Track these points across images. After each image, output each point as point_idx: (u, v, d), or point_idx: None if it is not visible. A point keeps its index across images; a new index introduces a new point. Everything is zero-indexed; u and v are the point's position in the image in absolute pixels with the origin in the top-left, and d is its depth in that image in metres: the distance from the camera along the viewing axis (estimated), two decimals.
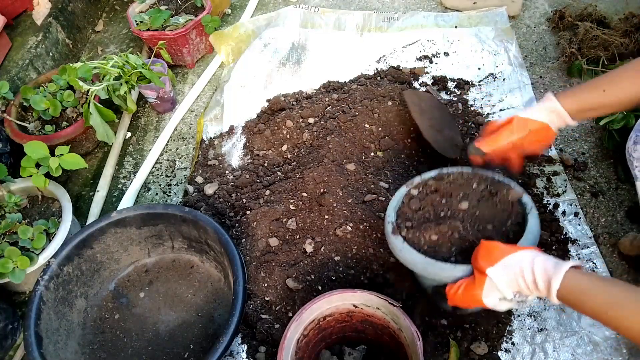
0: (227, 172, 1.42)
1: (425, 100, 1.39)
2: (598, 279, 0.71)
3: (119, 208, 1.38)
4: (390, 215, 0.98)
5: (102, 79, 1.38)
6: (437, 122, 1.34)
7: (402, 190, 1.03)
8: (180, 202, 1.40)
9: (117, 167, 1.53)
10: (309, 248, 1.16)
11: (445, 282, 0.86)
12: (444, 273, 0.85)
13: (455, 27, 1.74)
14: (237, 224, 1.26)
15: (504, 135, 0.94)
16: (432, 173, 1.04)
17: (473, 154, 0.98)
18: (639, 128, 0.84)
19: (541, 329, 1.05)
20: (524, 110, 0.96)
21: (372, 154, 1.34)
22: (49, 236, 1.20)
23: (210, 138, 1.53)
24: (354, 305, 0.99)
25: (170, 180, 1.48)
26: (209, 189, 1.35)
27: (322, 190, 1.24)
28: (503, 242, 0.80)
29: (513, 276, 0.74)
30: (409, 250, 0.90)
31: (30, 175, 1.19)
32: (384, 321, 0.98)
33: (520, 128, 0.93)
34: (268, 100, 1.57)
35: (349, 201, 1.21)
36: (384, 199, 1.22)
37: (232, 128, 1.53)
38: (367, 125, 1.39)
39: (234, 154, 1.47)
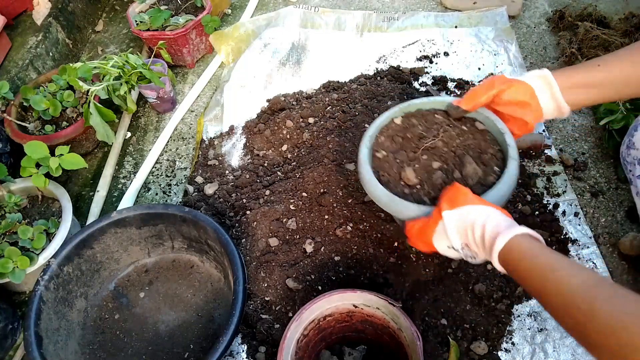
0: (227, 172, 1.42)
1: None
2: (543, 247, 0.66)
3: (119, 208, 1.38)
4: (366, 142, 0.94)
5: (102, 79, 1.38)
6: None
7: (384, 116, 0.98)
8: (180, 202, 1.40)
9: (117, 167, 1.53)
10: (309, 248, 1.16)
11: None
12: (407, 212, 0.83)
13: (455, 27, 1.74)
14: (237, 224, 1.26)
15: (483, 89, 0.87)
16: (418, 101, 0.99)
17: (453, 113, 0.94)
18: (631, 132, 0.84)
19: (541, 329, 1.05)
20: (514, 75, 0.91)
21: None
22: (49, 236, 1.20)
23: (210, 138, 1.53)
24: (354, 305, 0.99)
25: (170, 180, 1.48)
26: (209, 189, 1.35)
27: (322, 190, 1.24)
28: (476, 191, 0.77)
29: (463, 226, 0.72)
30: (375, 184, 0.87)
31: (30, 175, 1.19)
32: (384, 321, 0.98)
33: (500, 82, 0.86)
34: (268, 100, 1.57)
35: (349, 201, 1.21)
36: None
37: (232, 128, 1.53)
38: (367, 125, 1.39)
39: (234, 154, 1.47)
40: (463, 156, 0.88)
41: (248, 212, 1.27)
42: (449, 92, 1.54)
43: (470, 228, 0.71)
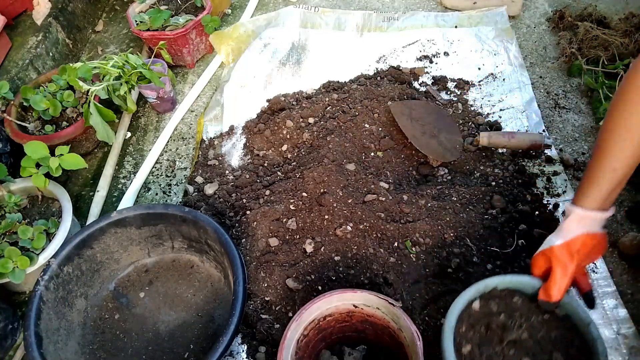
0: (227, 172, 1.42)
1: (416, 108, 1.39)
2: None
3: (119, 208, 1.38)
4: (449, 335, 0.86)
5: (102, 79, 1.38)
6: (432, 128, 1.35)
7: (461, 302, 0.91)
8: (180, 202, 1.40)
9: (117, 167, 1.53)
10: (309, 248, 1.16)
11: None
12: None
13: (455, 27, 1.74)
14: (237, 224, 1.26)
15: (563, 278, 0.87)
16: (493, 282, 0.94)
17: (546, 308, 0.91)
18: None
19: None
20: (555, 236, 0.89)
21: (372, 154, 1.35)
22: (49, 236, 1.20)
23: (210, 138, 1.53)
24: (354, 305, 0.99)
25: (170, 180, 1.48)
26: (209, 189, 1.35)
27: (322, 190, 1.24)
28: None
29: None
30: None
31: (30, 175, 1.19)
32: (383, 321, 0.98)
33: (568, 257, 0.86)
34: (268, 100, 1.57)
35: (349, 201, 1.21)
36: (384, 199, 1.22)
37: (232, 128, 1.53)
38: (367, 125, 1.39)
39: (234, 154, 1.47)
40: (551, 353, 0.86)
41: (248, 212, 1.27)
42: (448, 92, 1.54)
43: None
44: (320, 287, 1.11)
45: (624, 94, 0.81)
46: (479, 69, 1.61)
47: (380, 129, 1.39)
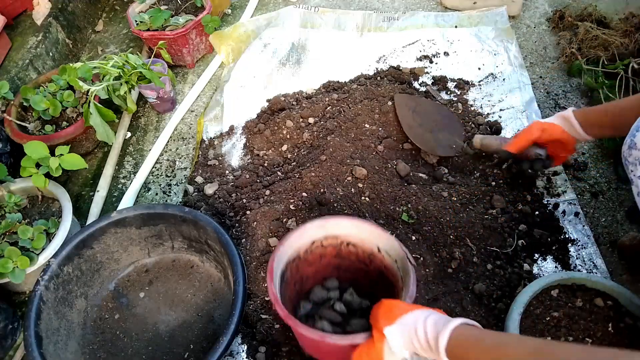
0: (227, 172, 1.42)
1: (421, 103, 1.42)
2: (485, 331, 0.69)
3: (119, 208, 1.38)
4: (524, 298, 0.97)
5: (102, 79, 1.38)
6: (431, 124, 1.36)
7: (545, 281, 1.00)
8: (180, 202, 1.40)
9: (117, 167, 1.53)
10: None
11: None
12: None
13: (455, 27, 1.74)
14: (237, 224, 1.26)
15: (524, 136, 1.13)
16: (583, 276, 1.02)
17: (468, 152, 1.24)
18: (633, 133, 0.84)
19: None
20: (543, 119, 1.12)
21: (373, 153, 1.34)
22: (49, 236, 1.20)
23: (210, 138, 1.53)
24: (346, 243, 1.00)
25: (170, 180, 1.48)
26: (209, 189, 1.35)
27: (322, 190, 1.24)
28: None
29: (408, 336, 0.72)
30: None
31: (30, 175, 1.19)
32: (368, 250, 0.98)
33: (536, 129, 1.11)
34: (268, 100, 1.57)
35: (349, 201, 1.21)
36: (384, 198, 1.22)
37: (232, 128, 1.53)
38: (367, 125, 1.39)
39: (234, 154, 1.47)
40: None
41: (248, 212, 1.27)
42: (448, 92, 1.54)
43: (414, 334, 0.71)
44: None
45: None
46: (479, 69, 1.61)
47: (380, 129, 1.39)
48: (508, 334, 0.66)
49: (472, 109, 1.49)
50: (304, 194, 1.25)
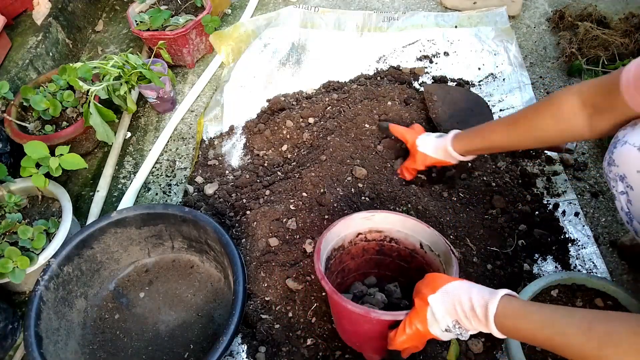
0: (227, 172, 1.42)
1: (450, 92, 1.45)
2: (531, 303, 0.71)
3: (119, 208, 1.38)
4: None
5: (102, 79, 1.38)
6: (463, 114, 1.39)
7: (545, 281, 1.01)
8: (180, 202, 1.40)
9: (117, 167, 1.53)
10: (309, 248, 1.16)
11: None
12: None
13: (455, 27, 1.74)
14: (237, 224, 1.26)
15: (411, 168, 1.23)
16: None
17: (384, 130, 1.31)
18: (611, 150, 0.85)
19: None
20: (424, 140, 1.17)
21: (373, 153, 1.34)
22: (49, 236, 1.20)
23: (210, 138, 1.53)
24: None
25: (170, 180, 1.48)
26: (209, 189, 1.35)
27: (322, 190, 1.24)
28: None
29: (451, 303, 0.75)
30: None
31: (30, 175, 1.19)
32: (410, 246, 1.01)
33: (420, 163, 1.19)
34: (268, 100, 1.57)
35: (350, 201, 1.21)
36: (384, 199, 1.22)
37: (232, 128, 1.53)
38: (367, 125, 1.39)
39: (234, 154, 1.47)
40: None
41: (248, 212, 1.26)
42: None
43: (459, 302, 0.74)
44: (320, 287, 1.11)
45: (545, 102, 0.93)
46: (479, 69, 1.61)
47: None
48: (552, 307, 0.67)
49: None
50: (304, 194, 1.25)
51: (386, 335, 0.83)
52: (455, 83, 1.57)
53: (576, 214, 1.22)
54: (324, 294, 1.10)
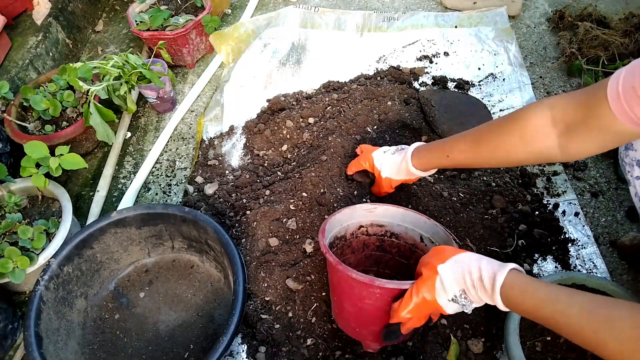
0: (227, 172, 1.42)
1: (447, 96, 1.45)
2: (537, 280, 0.72)
3: (119, 208, 1.38)
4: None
5: (102, 79, 1.38)
6: (461, 116, 1.40)
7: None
8: (180, 202, 1.40)
9: (117, 167, 1.53)
10: (309, 248, 1.16)
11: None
12: None
13: (455, 27, 1.74)
14: (237, 224, 1.26)
15: (380, 191, 1.18)
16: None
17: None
18: None
19: None
20: (384, 163, 1.10)
21: None
22: (49, 236, 1.20)
23: (210, 138, 1.53)
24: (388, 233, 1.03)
25: (170, 180, 1.48)
26: (209, 189, 1.35)
27: (322, 190, 1.24)
28: None
29: (460, 272, 0.75)
30: None
31: (30, 175, 1.19)
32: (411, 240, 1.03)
33: (387, 186, 1.14)
34: (268, 100, 1.57)
35: (349, 201, 1.21)
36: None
37: (232, 128, 1.53)
38: (369, 129, 1.39)
39: (234, 154, 1.47)
40: None
41: (248, 212, 1.27)
42: None
43: (468, 272, 0.75)
44: (320, 288, 1.11)
45: (511, 118, 0.85)
46: (479, 69, 1.61)
47: (380, 129, 1.38)
48: (559, 287, 0.68)
49: None
50: (304, 194, 1.25)
51: (388, 314, 0.83)
52: (455, 83, 1.57)
53: (576, 214, 1.22)
54: (324, 293, 1.10)
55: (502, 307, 0.73)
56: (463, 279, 0.75)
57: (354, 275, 0.81)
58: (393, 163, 1.09)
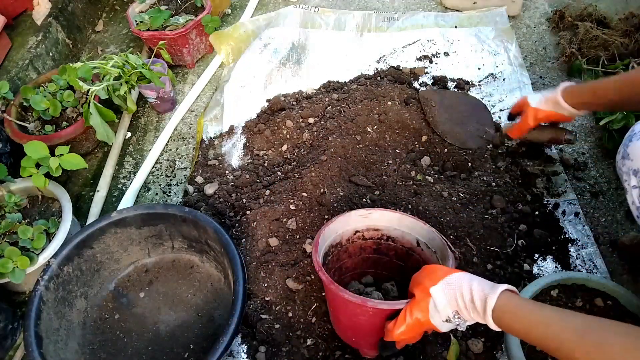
0: (227, 172, 1.42)
1: (447, 96, 1.45)
2: (530, 301, 0.72)
3: (119, 208, 1.38)
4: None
5: (102, 79, 1.38)
6: (461, 116, 1.39)
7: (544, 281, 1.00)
8: (180, 202, 1.40)
9: (117, 167, 1.53)
10: (309, 248, 1.16)
11: None
12: None
13: (455, 27, 1.74)
14: (237, 224, 1.26)
15: (523, 126, 1.18)
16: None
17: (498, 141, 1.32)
18: (626, 143, 0.85)
19: None
20: (533, 96, 1.15)
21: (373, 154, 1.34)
22: (49, 236, 1.20)
23: (210, 138, 1.53)
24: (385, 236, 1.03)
25: (170, 180, 1.48)
26: (209, 189, 1.35)
27: (322, 190, 1.24)
28: None
29: (452, 294, 0.75)
30: None
31: (30, 175, 1.19)
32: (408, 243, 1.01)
33: (532, 117, 1.15)
34: (268, 100, 1.57)
35: (350, 201, 1.21)
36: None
37: (232, 128, 1.53)
38: (369, 130, 1.39)
39: (234, 154, 1.47)
40: None
41: (248, 212, 1.27)
42: None
43: (460, 294, 0.75)
44: (320, 288, 1.11)
45: None
46: (479, 69, 1.61)
47: (380, 128, 1.38)
48: (552, 308, 0.68)
49: None
50: (304, 194, 1.25)
51: (383, 328, 0.83)
52: (455, 83, 1.57)
53: (576, 214, 1.22)
54: (323, 294, 1.10)
55: (494, 328, 0.73)
56: (455, 301, 0.75)
57: (346, 296, 0.82)
58: (542, 94, 1.14)
